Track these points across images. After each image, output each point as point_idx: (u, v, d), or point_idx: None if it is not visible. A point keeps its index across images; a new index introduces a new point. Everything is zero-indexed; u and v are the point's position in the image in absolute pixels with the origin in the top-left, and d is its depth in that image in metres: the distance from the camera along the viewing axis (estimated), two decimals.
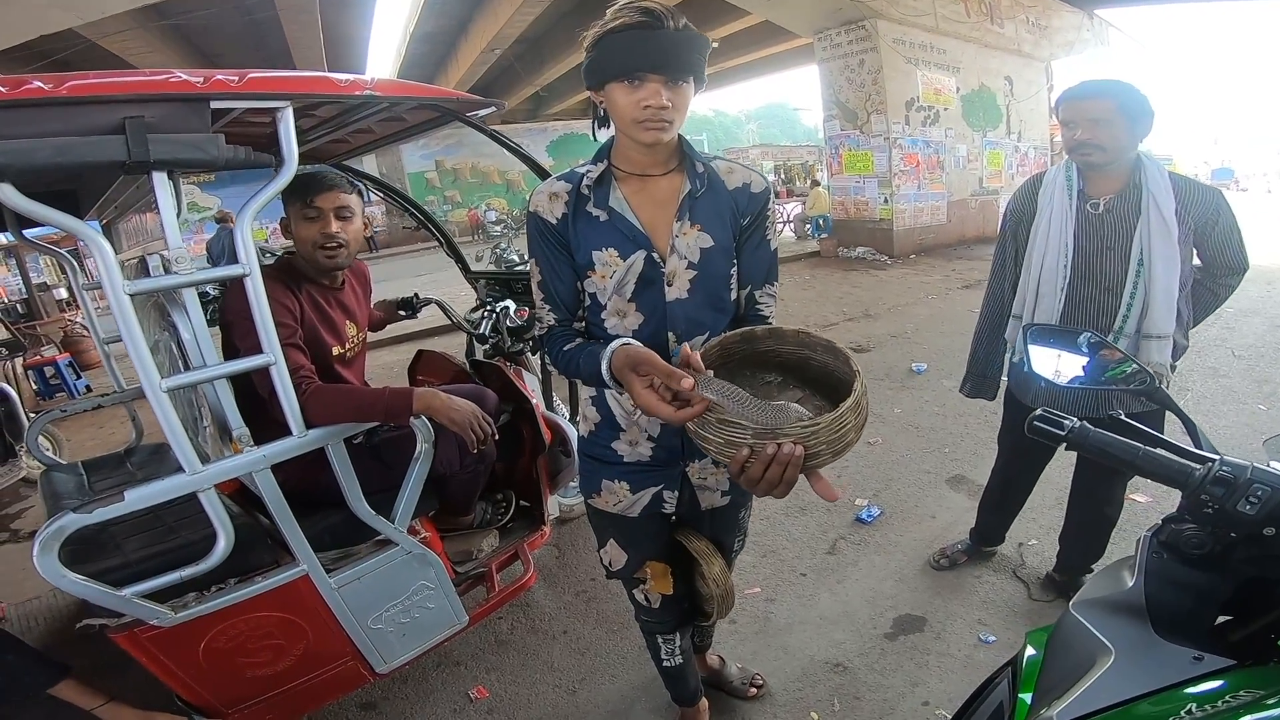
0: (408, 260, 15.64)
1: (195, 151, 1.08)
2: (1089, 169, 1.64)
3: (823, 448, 0.85)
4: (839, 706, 1.76)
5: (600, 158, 1.14)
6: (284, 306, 1.49)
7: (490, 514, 2.06)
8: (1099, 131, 1.54)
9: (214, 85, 1.09)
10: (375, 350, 6.09)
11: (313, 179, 1.55)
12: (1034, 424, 0.78)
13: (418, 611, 1.65)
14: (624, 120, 1.03)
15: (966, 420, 3.60)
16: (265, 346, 1.24)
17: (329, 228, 1.55)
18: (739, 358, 1.07)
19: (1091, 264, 1.66)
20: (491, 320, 2.21)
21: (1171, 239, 1.56)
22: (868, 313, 6.68)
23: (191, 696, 1.44)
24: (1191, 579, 0.72)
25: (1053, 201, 1.70)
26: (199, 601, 1.35)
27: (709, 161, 1.15)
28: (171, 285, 1.16)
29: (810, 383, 1.06)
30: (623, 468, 1.25)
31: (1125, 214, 1.62)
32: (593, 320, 1.17)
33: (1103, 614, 0.73)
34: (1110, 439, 0.75)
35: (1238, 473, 0.67)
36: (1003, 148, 11.66)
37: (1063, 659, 0.74)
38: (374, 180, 2.52)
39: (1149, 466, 0.73)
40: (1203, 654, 0.65)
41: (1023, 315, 1.80)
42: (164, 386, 1.12)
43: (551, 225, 1.12)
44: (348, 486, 1.43)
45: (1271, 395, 3.82)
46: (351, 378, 1.70)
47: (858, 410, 0.88)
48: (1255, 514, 0.65)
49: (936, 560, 2.32)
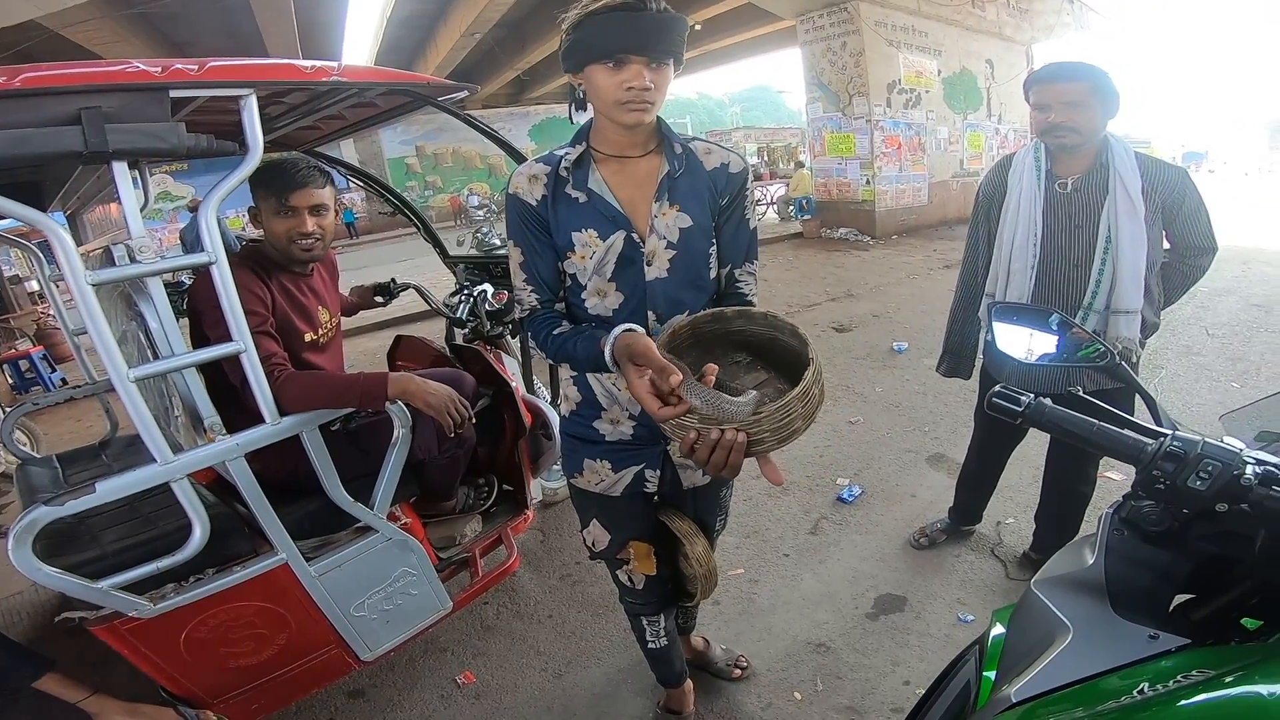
0: (389, 246, 15.47)
1: (155, 141, 1.07)
2: (1061, 151, 1.66)
3: (767, 435, 0.89)
4: (822, 686, 1.79)
5: (579, 140, 1.14)
6: (254, 294, 1.47)
7: (472, 499, 2.06)
8: (1073, 114, 1.56)
9: (173, 74, 1.08)
10: (355, 336, 6.06)
11: (286, 175, 1.52)
12: (992, 400, 0.79)
13: (401, 598, 1.65)
14: (605, 102, 1.03)
15: (946, 399, 3.65)
16: (234, 334, 1.23)
17: (304, 226, 1.54)
18: (710, 337, 1.09)
19: (1060, 242, 1.69)
20: (469, 304, 2.20)
21: (1138, 217, 1.59)
22: (850, 292, 6.73)
23: (175, 687, 1.44)
24: (1151, 557, 0.72)
25: (1022, 182, 1.73)
26: (178, 592, 1.34)
27: (687, 143, 1.16)
28: (134, 275, 1.13)
29: (778, 364, 1.08)
30: (604, 447, 1.26)
31: (1092, 193, 1.64)
32: (573, 300, 1.18)
33: (1062, 592, 0.74)
34: (1065, 414, 0.76)
35: (1188, 448, 0.66)
36: (983, 130, 11.72)
37: (1024, 637, 0.75)
38: (348, 167, 2.49)
39: (1103, 442, 0.73)
40: (1158, 633, 0.65)
41: (995, 294, 1.83)
42: (131, 377, 1.10)
43: (531, 207, 1.12)
44: (324, 473, 1.42)
45: (1244, 373, 3.90)
46: (326, 364, 1.69)
47: (805, 400, 0.90)
48: (1206, 489, 0.64)
49: (916, 539, 2.36)
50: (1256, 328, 4.78)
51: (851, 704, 1.73)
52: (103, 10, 8.74)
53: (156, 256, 1.14)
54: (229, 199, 1.18)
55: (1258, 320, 4.97)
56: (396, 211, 2.86)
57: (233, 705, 1.50)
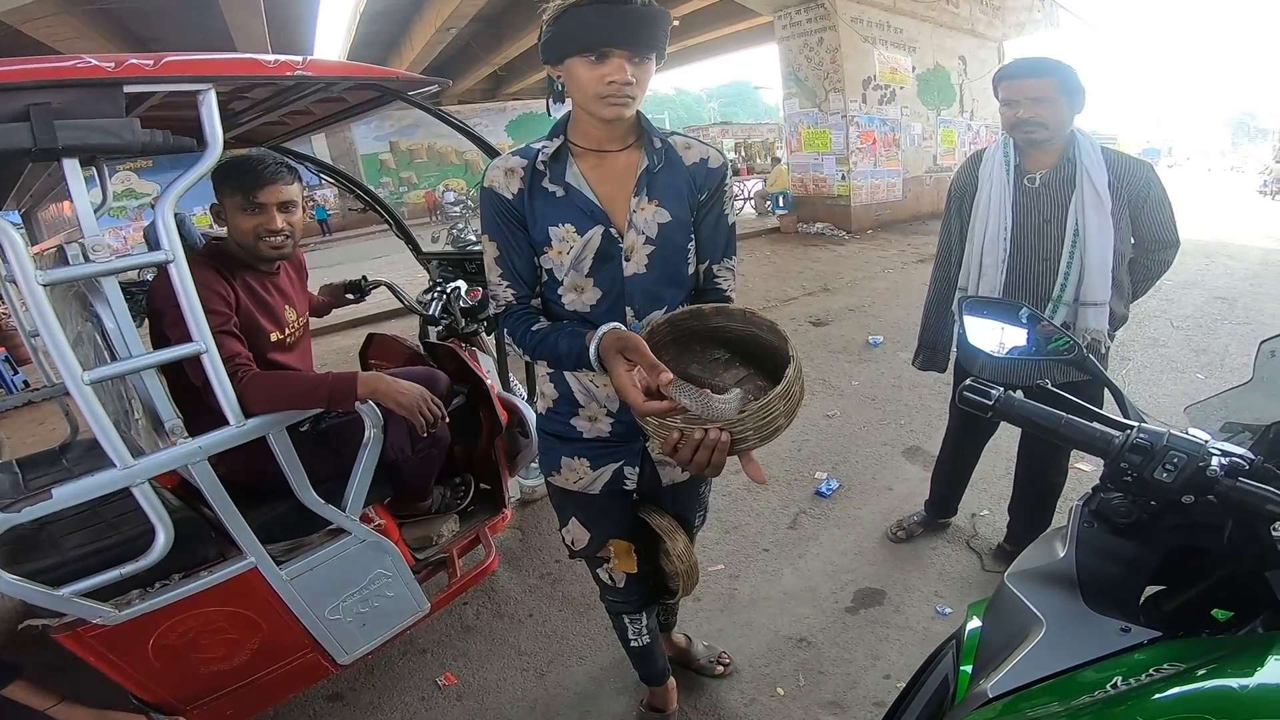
0: (362, 243, 15.24)
1: (107, 137, 1.04)
2: (1030, 146, 1.69)
3: (750, 433, 0.88)
4: (804, 681, 1.80)
5: (556, 133, 1.12)
6: (216, 293, 1.43)
7: (449, 498, 2.03)
8: (1041, 109, 1.58)
9: (127, 69, 1.05)
10: (328, 335, 5.97)
11: (253, 171, 1.48)
12: (963, 394, 0.79)
13: (377, 600, 1.62)
14: (585, 95, 1.02)
15: (921, 392, 3.69)
16: (194, 334, 1.19)
17: (273, 224, 1.51)
18: (688, 334, 1.08)
19: (1030, 236, 1.71)
20: (442, 301, 2.16)
21: (1105, 210, 1.62)
22: (826, 287, 6.79)
23: (146, 694, 1.40)
24: (1120, 549, 0.73)
25: (992, 177, 1.75)
26: (143, 599, 1.30)
27: (666, 137, 1.15)
28: (87, 274, 1.09)
29: (756, 360, 1.08)
30: (582, 444, 1.25)
31: (1060, 187, 1.67)
32: (549, 296, 1.16)
33: (1035, 585, 0.74)
34: (1034, 408, 0.76)
35: (1154, 439, 0.67)
36: (956, 126, 11.90)
37: (999, 631, 0.75)
38: (317, 163, 2.44)
39: (1071, 435, 0.73)
40: (1130, 625, 0.66)
41: (967, 287, 1.85)
42: (86, 379, 1.06)
43: (507, 201, 1.10)
44: (293, 476, 1.38)
45: (1209, 365, 4.00)
46: (294, 364, 1.65)
47: (787, 397, 0.90)
48: (1172, 481, 0.65)
49: (894, 532, 2.38)
50: (1220, 320, 4.92)
51: (834, 699, 1.74)
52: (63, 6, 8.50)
53: (111, 255, 1.10)
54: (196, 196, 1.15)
55: (1221, 313, 5.11)
56: (368, 208, 2.82)
57: (206, 711, 1.47)
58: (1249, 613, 0.68)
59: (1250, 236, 9.00)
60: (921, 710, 0.84)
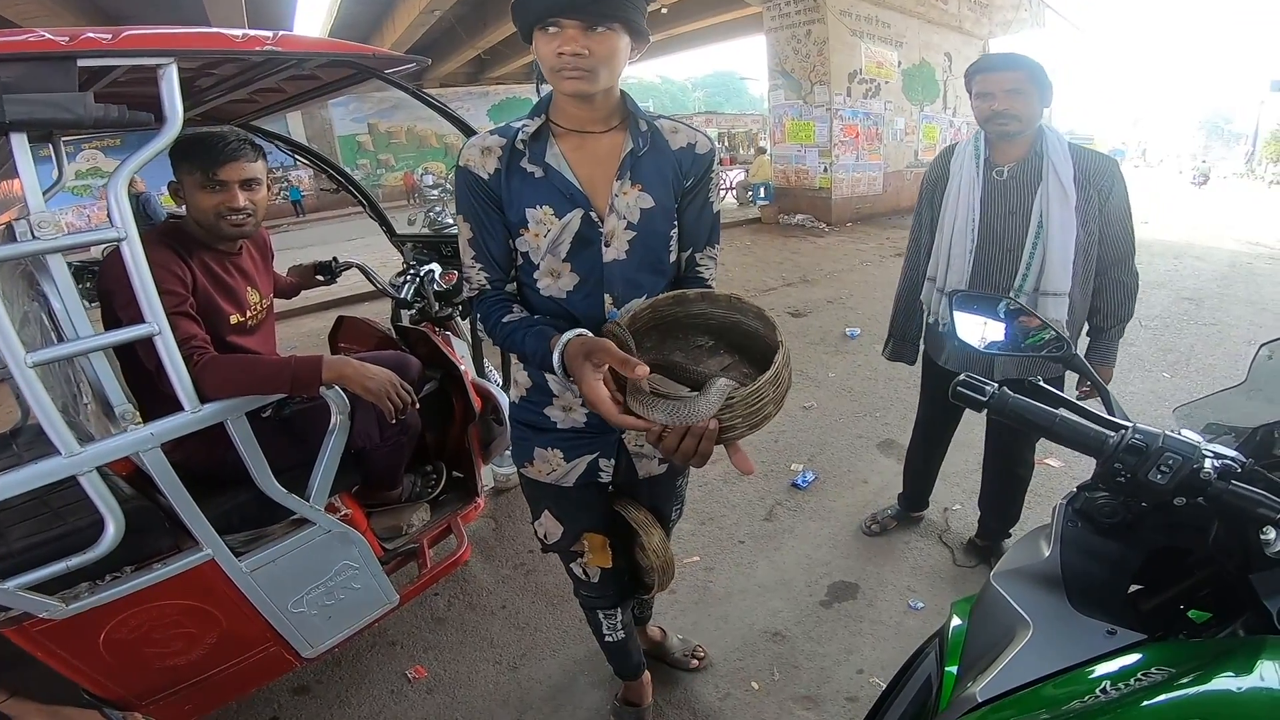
0: (337, 225, 14.94)
1: (58, 111, 0.99)
2: (1002, 138, 1.71)
3: (738, 421, 0.85)
4: (779, 676, 1.80)
5: (537, 112, 1.08)
6: (172, 273, 1.36)
7: (420, 487, 1.98)
8: (1014, 102, 1.62)
9: (82, 43, 0.99)
10: (298, 317, 5.85)
11: (214, 148, 1.41)
12: (956, 389, 0.78)
13: (343, 593, 1.57)
14: (546, 70, 0.98)
15: (896, 385, 3.71)
16: (146, 315, 1.13)
17: (235, 201, 1.44)
18: (670, 320, 1.05)
19: (995, 227, 1.75)
20: (415, 284, 2.10)
21: (1068, 203, 1.65)
22: (805, 278, 6.82)
23: (98, 689, 1.34)
24: (1104, 548, 0.72)
25: (962, 170, 1.79)
26: (92, 592, 1.24)
27: (653, 120, 1.11)
28: (31, 251, 1.03)
29: (740, 348, 1.05)
30: (556, 435, 1.21)
31: (1027, 180, 1.70)
32: (525, 280, 1.12)
33: (1021, 585, 0.73)
34: (1028, 405, 0.75)
35: (1150, 441, 0.66)
36: (939, 122, 11.99)
37: (985, 632, 0.74)
38: (287, 141, 2.35)
39: (1065, 433, 0.72)
40: (1115, 628, 0.65)
41: (936, 277, 1.88)
42: (29, 362, 1.00)
43: (483, 181, 1.06)
44: (253, 464, 1.33)
45: (1175, 364, 4.09)
46: (256, 347, 1.58)
47: (776, 383, 0.87)
48: (1166, 483, 0.64)
49: (868, 526, 2.39)
50: (1187, 320, 5.02)
51: (808, 693, 1.74)
52: None
53: (58, 233, 1.04)
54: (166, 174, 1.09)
55: (1188, 313, 5.23)
56: (340, 188, 2.73)
57: (163, 707, 1.41)
58: (1227, 614, 0.68)
59: (1219, 239, 9.23)
60: (905, 710, 0.83)
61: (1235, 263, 7.38)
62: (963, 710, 0.64)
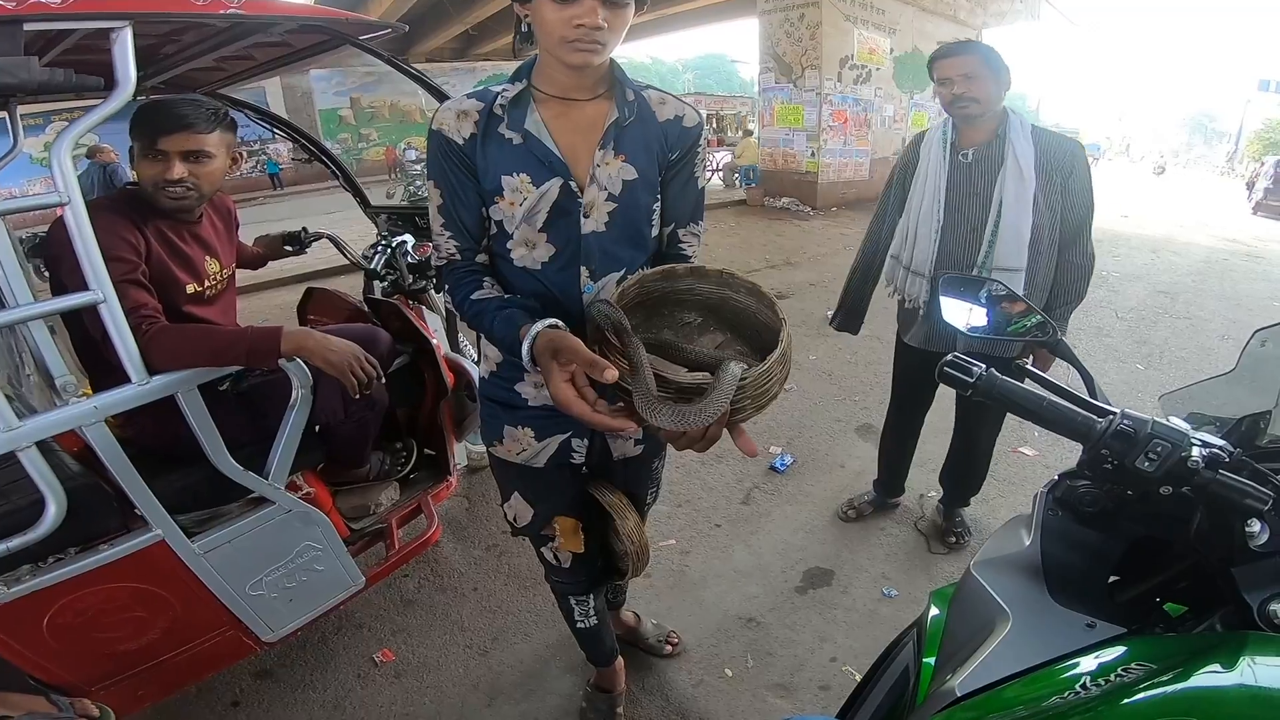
0: (316, 198, 14.57)
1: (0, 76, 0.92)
2: (965, 121, 1.77)
3: (747, 403, 0.82)
4: (753, 663, 1.78)
5: (519, 77, 1.02)
6: (123, 240, 1.28)
7: (388, 464, 1.91)
8: (972, 85, 1.69)
9: (29, 7, 0.93)
10: (270, 290, 5.72)
11: (160, 116, 1.33)
12: (943, 370, 0.75)
13: (305, 574, 1.52)
14: (551, 39, 0.92)
15: (876, 369, 3.71)
16: (91, 282, 1.06)
17: (171, 173, 1.35)
18: (659, 296, 1.00)
19: (960, 207, 1.81)
20: (386, 256, 2.03)
21: (1026, 184, 1.71)
22: (789, 261, 6.81)
23: (44, 675, 1.28)
24: (1085, 538, 0.71)
25: (930, 154, 1.85)
26: (35, 574, 1.17)
27: (641, 90, 1.06)
28: None
29: (731, 324, 1.01)
30: (527, 412, 1.16)
31: (990, 163, 1.76)
32: (498, 250, 1.07)
33: (1001, 575, 0.72)
34: (1015, 388, 0.73)
35: (1139, 427, 0.64)
36: (928, 110, 11.95)
37: (964, 622, 0.73)
38: (256, 110, 2.25)
39: (1052, 416, 0.70)
40: (1095, 621, 0.64)
41: (900, 255, 1.94)
42: None
43: (457, 146, 1.00)
44: (206, 439, 1.26)
45: (1149, 356, 4.14)
46: (215, 318, 1.51)
47: (784, 363, 0.84)
48: (1154, 470, 0.62)
49: (844, 512, 2.39)
50: (1161, 313, 5.09)
51: (781, 681, 1.73)
52: None
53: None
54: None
55: (1163, 306, 5.30)
56: (313, 159, 2.65)
57: (113, 692, 1.34)
58: (1204, 608, 0.67)
59: (1196, 235, 9.38)
60: (882, 700, 0.82)
61: (1211, 258, 7.50)
62: (942, 704, 0.62)
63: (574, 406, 0.82)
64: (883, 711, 0.82)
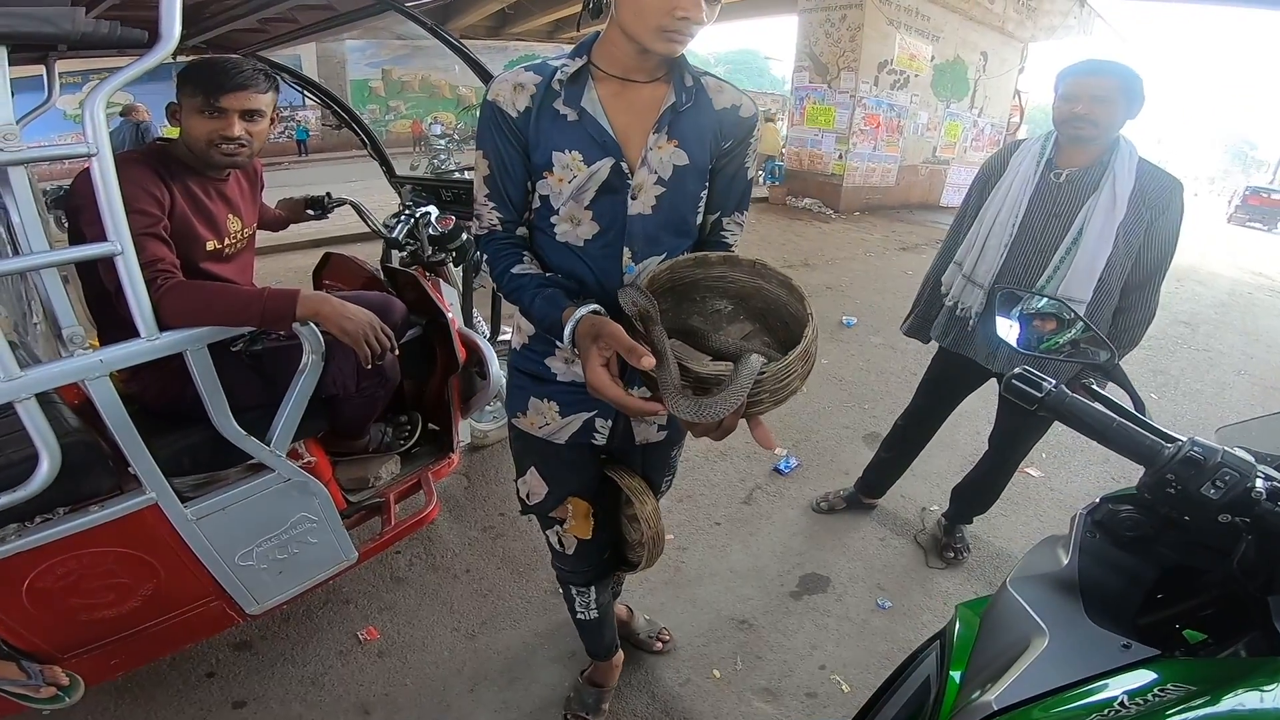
0: (341, 165, 14.60)
1: (40, 25, 0.92)
2: (1072, 143, 1.66)
3: (765, 396, 0.83)
4: (741, 665, 1.77)
5: (580, 53, 1.01)
6: (147, 193, 1.27)
7: (391, 437, 1.89)
8: (1097, 108, 1.57)
9: None
10: (289, 253, 5.74)
11: (225, 74, 1.33)
12: (1011, 383, 0.77)
13: (297, 547, 1.49)
14: (645, 23, 0.90)
15: (888, 378, 3.67)
16: (110, 234, 1.04)
17: (232, 130, 1.36)
18: (690, 283, 1.00)
19: (1035, 226, 1.73)
20: (409, 225, 2.00)
21: (1114, 216, 1.61)
22: (807, 262, 6.73)
23: (17, 640, 1.25)
24: (1122, 561, 0.73)
25: (1021, 166, 1.76)
26: (20, 534, 1.14)
27: (701, 76, 1.04)
28: None
29: (761, 316, 1.00)
30: (555, 387, 1.15)
31: (1083, 187, 1.66)
32: (540, 224, 1.07)
33: (1038, 592, 0.73)
34: (1086, 407, 0.74)
35: (1208, 455, 0.65)
36: (963, 120, 11.76)
37: (997, 637, 0.73)
38: (292, 73, 2.25)
39: (1119, 439, 0.71)
40: (1130, 642, 0.65)
41: (964, 264, 1.86)
42: None
43: (511, 118, 0.99)
44: (210, 400, 1.24)
45: (1163, 385, 4.08)
46: (231, 276, 1.49)
47: (806, 359, 0.83)
48: (1219, 498, 0.63)
49: (818, 504, 2.41)
50: (1180, 343, 5.00)
51: (768, 685, 1.71)
52: None
53: (24, 146, 0.96)
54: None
55: (1182, 336, 5.20)
56: (342, 125, 2.63)
57: (87, 661, 1.32)
58: (1224, 635, 0.69)
59: (1222, 265, 9.19)
60: (899, 710, 0.83)
61: (1235, 291, 7.36)
62: (977, 718, 0.63)
63: (608, 391, 0.84)
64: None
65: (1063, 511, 2.52)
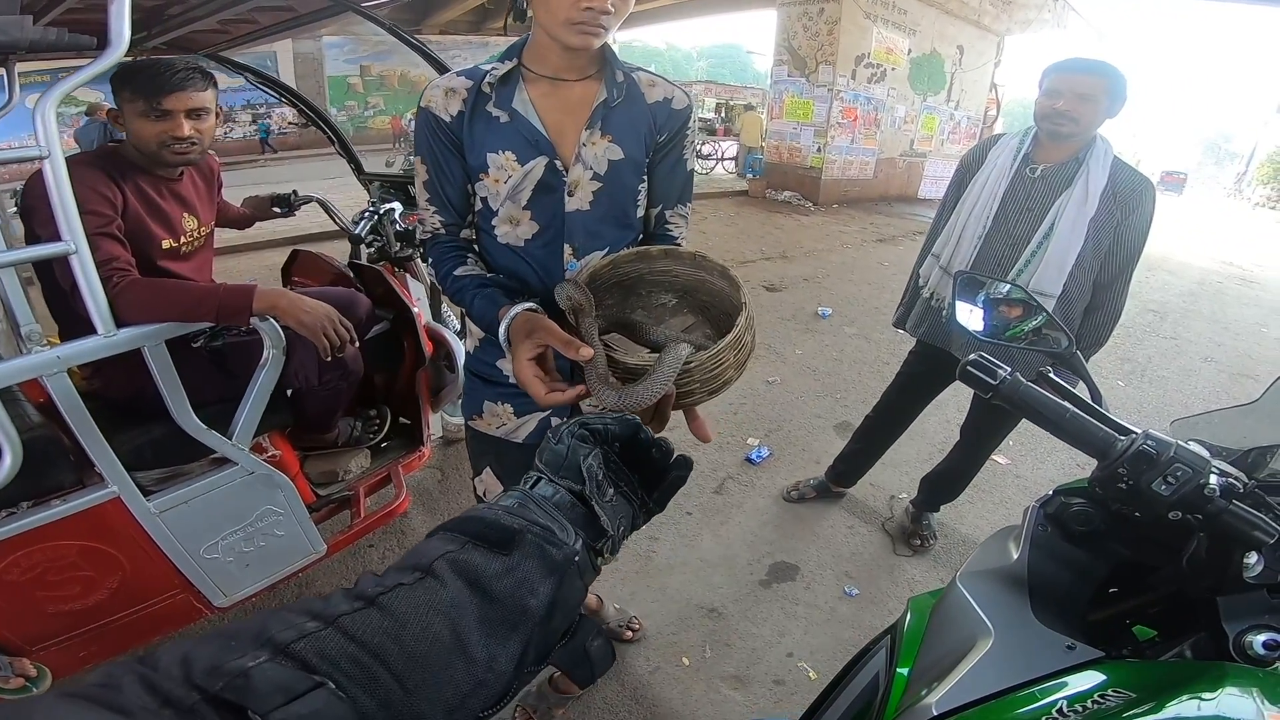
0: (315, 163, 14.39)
1: None
2: (1051, 138, 1.68)
3: (696, 386, 0.82)
4: (710, 653, 1.80)
5: (510, 55, 1.02)
6: (99, 194, 1.29)
7: (360, 431, 1.91)
8: (1079, 106, 1.59)
9: None
10: (260, 250, 5.70)
11: (160, 77, 1.33)
12: (966, 369, 0.73)
13: (264, 539, 1.51)
14: (555, 19, 0.91)
15: (860, 369, 3.72)
16: (64, 234, 1.05)
17: (181, 130, 1.37)
18: (633, 278, 1.01)
19: (1009, 218, 1.76)
20: (372, 221, 2.01)
21: (1085, 211, 1.64)
22: (784, 254, 6.79)
23: None
24: (1072, 556, 0.71)
25: (998, 160, 1.79)
26: None
27: (631, 72, 1.06)
28: None
29: (705, 308, 1.02)
30: (507, 389, 1.17)
31: (1057, 182, 1.69)
32: (482, 226, 1.08)
33: (986, 588, 0.72)
34: (1040, 396, 0.71)
35: (1161, 450, 0.62)
36: (939, 114, 11.90)
37: (945, 635, 0.72)
38: (255, 73, 2.24)
39: (1073, 429, 0.68)
40: (1075, 643, 0.64)
41: (941, 255, 1.90)
42: None
43: (444, 122, 1.01)
44: (170, 395, 1.25)
45: (1130, 373, 4.16)
46: (188, 274, 1.50)
47: (737, 348, 0.83)
48: (1169, 494, 0.61)
49: (788, 493, 2.45)
50: (1149, 331, 5.10)
51: (736, 672, 1.74)
52: None
53: None
54: None
55: (1151, 325, 5.31)
56: (309, 123, 2.62)
57: (54, 653, 1.33)
58: (1173, 633, 0.68)
59: (1192, 255, 9.38)
60: (848, 706, 0.82)
61: (1205, 280, 7.52)
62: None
63: (531, 386, 0.82)
64: (849, 718, 0.82)
65: (1028, 499, 2.56)
